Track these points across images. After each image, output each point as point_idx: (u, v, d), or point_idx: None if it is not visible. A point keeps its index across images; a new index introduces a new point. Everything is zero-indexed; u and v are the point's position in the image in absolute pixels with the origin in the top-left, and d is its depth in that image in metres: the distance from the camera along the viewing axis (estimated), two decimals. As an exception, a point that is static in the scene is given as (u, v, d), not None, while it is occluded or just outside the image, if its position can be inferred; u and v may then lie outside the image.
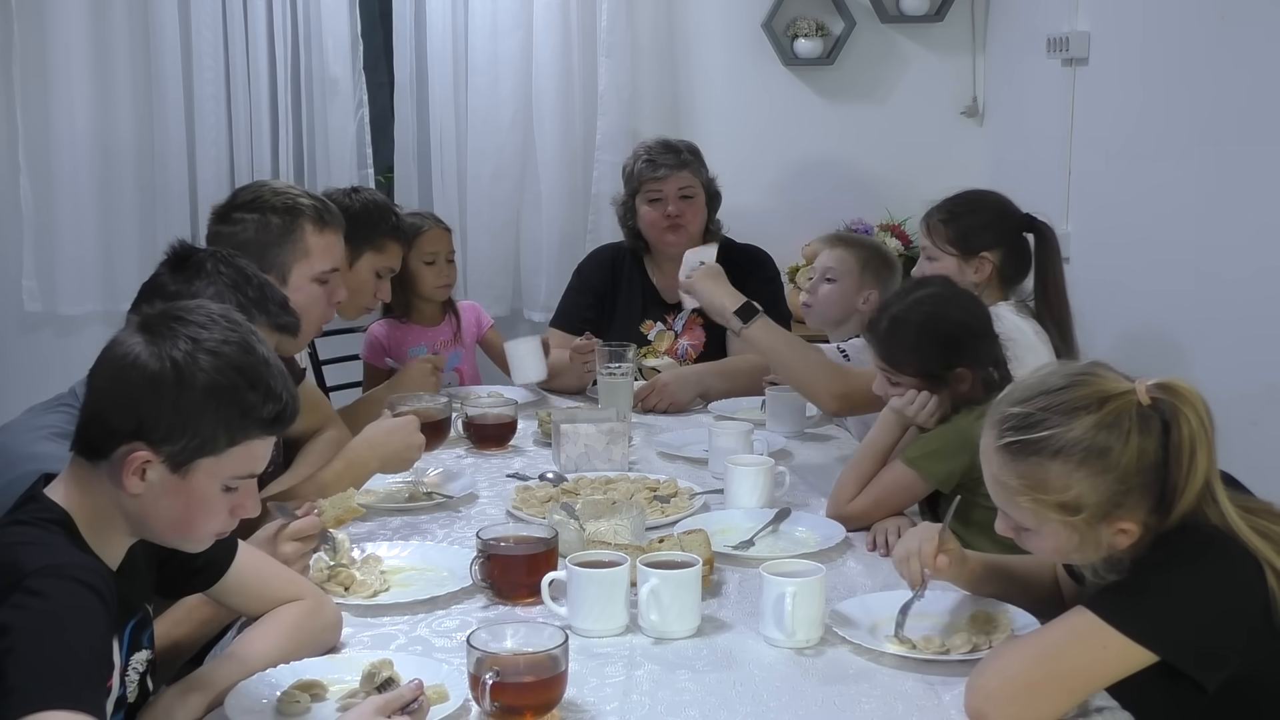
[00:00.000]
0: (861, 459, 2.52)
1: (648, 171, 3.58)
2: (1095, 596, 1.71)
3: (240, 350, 1.61)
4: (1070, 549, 1.73)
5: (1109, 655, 1.65)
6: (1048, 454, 1.68)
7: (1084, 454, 1.66)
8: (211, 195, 4.54)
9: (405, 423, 2.57)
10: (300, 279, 2.58)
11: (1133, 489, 1.67)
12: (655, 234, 3.63)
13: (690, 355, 3.65)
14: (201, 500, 1.61)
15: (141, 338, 1.59)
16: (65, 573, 1.49)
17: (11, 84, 4.52)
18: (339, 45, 4.53)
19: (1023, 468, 1.70)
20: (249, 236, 2.54)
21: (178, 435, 1.57)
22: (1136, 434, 1.66)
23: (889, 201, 4.66)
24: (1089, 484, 1.67)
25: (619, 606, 1.98)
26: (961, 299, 2.54)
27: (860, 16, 4.63)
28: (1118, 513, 1.68)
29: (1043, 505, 1.70)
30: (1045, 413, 1.69)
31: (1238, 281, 3.07)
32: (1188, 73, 3.28)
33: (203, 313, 1.63)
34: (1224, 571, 1.65)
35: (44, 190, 4.57)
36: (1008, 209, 3.05)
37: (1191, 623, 1.65)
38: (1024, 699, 1.67)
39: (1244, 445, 2.94)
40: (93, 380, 1.63)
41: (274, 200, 2.59)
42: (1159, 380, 1.70)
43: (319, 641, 1.89)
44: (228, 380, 1.59)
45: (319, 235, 2.61)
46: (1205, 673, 1.64)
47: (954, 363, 2.44)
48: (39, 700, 1.37)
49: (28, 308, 4.62)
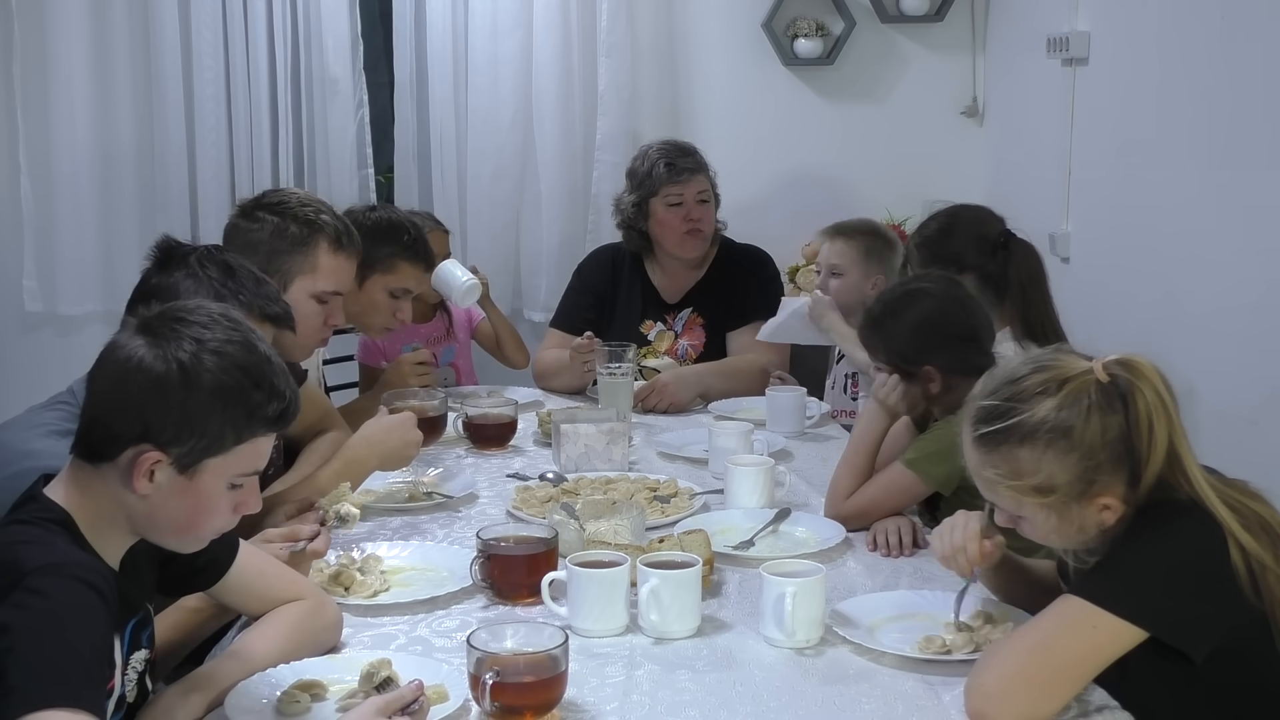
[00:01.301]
0: (852, 452, 2.53)
1: (669, 176, 3.57)
2: (1078, 582, 1.73)
3: (244, 350, 1.61)
4: (1054, 531, 1.77)
5: (1100, 637, 1.67)
6: (1015, 440, 1.73)
7: (1049, 435, 1.71)
8: (211, 195, 4.56)
9: (402, 419, 2.58)
10: (300, 292, 2.58)
11: (1102, 464, 1.71)
12: (674, 238, 3.62)
13: (690, 355, 3.65)
14: (208, 499, 1.62)
15: (143, 340, 1.59)
16: (66, 571, 1.49)
17: (11, 84, 4.52)
18: (339, 45, 4.53)
19: (996, 457, 1.75)
20: (262, 237, 2.56)
21: (186, 437, 1.57)
22: (1097, 411, 1.71)
23: (889, 201, 4.66)
24: (1058, 464, 1.71)
25: (619, 606, 1.98)
26: (950, 301, 2.52)
27: (860, 16, 4.63)
28: (1093, 490, 1.72)
29: (1020, 491, 1.74)
30: (1010, 401, 1.75)
31: (1238, 281, 3.07)
32: (1188, 73, 3.28)
33: (204, 313, 1.63)
34: (1196, 540, 1.69)
35: (44, 190, 4.56)
36: (981, 228, 3.00)
37: (1172, 593, 1.68)
38: (1023, 692, 1.68)
39: (1244, 445, 2.96)
40: (94, 384, 1.63)
41: (298, 209, 2.60)
42: (1116, 357, 1.75)
43: (319, 641, 1.89)
44: (233, 380, 1.59)
45: (331, 255, 2.62)
46: (1192, 642, 1.67)
47: (921, 358, 2.46)
48: (39, 699, 1.37)
49: (28, 308, 4.62)
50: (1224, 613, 1.68)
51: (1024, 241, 2.98)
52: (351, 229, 2.69)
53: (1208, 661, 1.68)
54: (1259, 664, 1.72)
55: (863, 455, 2.51)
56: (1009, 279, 2.94)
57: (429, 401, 2.88)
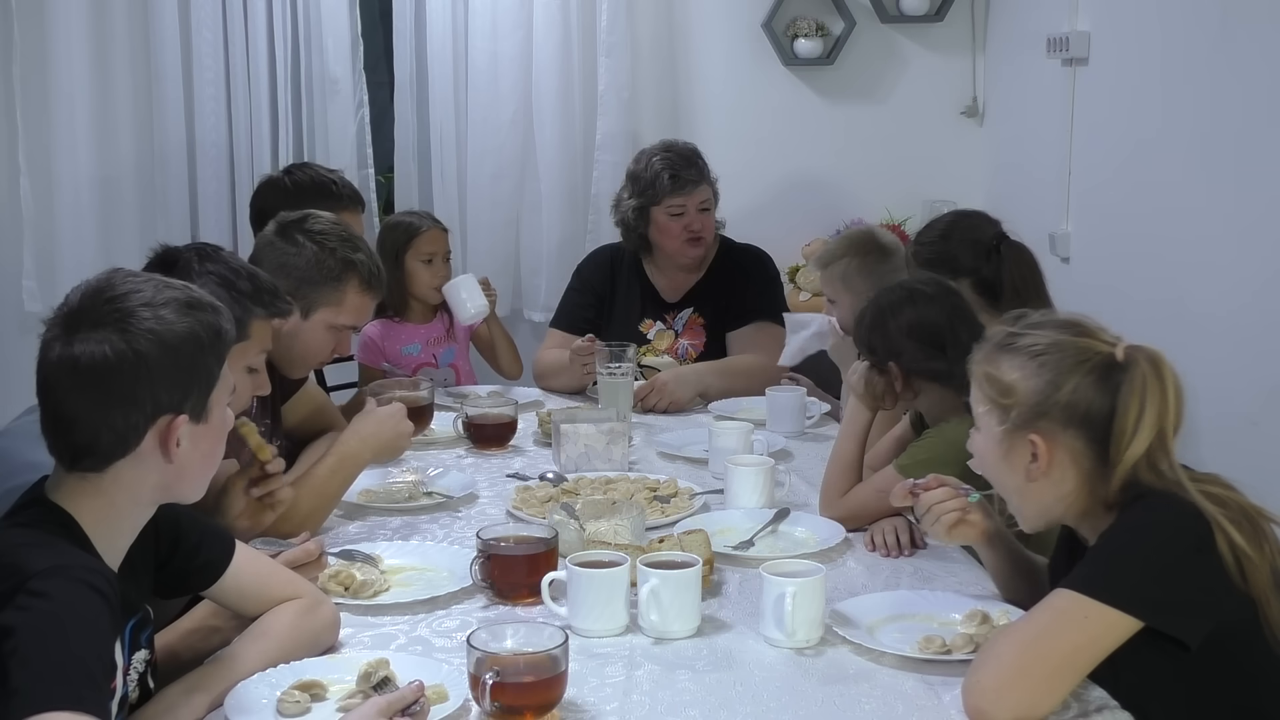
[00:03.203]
0: (839, 448, 2.55)
1: (674, 187, 3.57)
2: (1069, 575, 1.74)
3: (175, 288, 1.66)
4: (990, 456, 1.85)
5: (1094, 628, 1.67)
6: (1011, 350, 1.82)
7: (1039, 352, 1.79)
8: (211, 195, 4.56)
9: (392, 411, 2.60)
10: (320, 321, 2.64)
11: (1057, 409, 1.77)
12: (675, 245, 3.62)
13: (690, 355, 3.65)
14: (221, 428, 1.70)
15: (95, 335, 1.57)
16: (70, 574, 1.49)
17: (11, 84, 4.52)
18: (339, 45, 4.53)
19: (988, 367, 1.84)
20: (298, 263, 2.61)
21: (191, 389, 1.62)
22: (1090, 374, 1.77)
23: (889, 201, 4.66)
24: (1028, 381, 1.79)
25: (619, 606, 1.98)
26: (933, 306, 2.51)
27: (860, 16, 4.63)
28: (1037, 424, 1.78)
29: (989, 398, 1.84)
30: (1030, 328, 1.83)
31: (1238, 281, 3.07)
32: (1188, 73, 3.28)
33: (123, 281, 1.64)
34: (1184, 529, 1.70)
35: (44, 190, 4.56)
36: (975, 233, 2.98)
37: (1162, 580, 1.68)
38: (1020, 688, 1.68)
39: (1244, 445, 2.96)
40: (71, 404, 1.59)
41: (338, 245, 2.64)
42: (1144, 347, 1.80)
43: (318, 641, 1.89)
44: (193, 318, 1.63)
45: (359, 295, 2.67)
46: (1185, 629, 1.67)
47: (886, 354, 2.49)
48: (42, 701, 1.37)
49: (28, 308, 4.62)
50: (1215, 599, 1.69)
51: (1018, 244, 2.97)
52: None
53: (1199, 652, 1.68)
54: (1248, 654, 1.73)
55: (850, 450, 2.53)
56: (1003, 282, 2.94)
57: (416, 391, 2.90)
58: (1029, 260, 2.97)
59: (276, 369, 2.64)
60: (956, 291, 2.61)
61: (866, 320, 2.55)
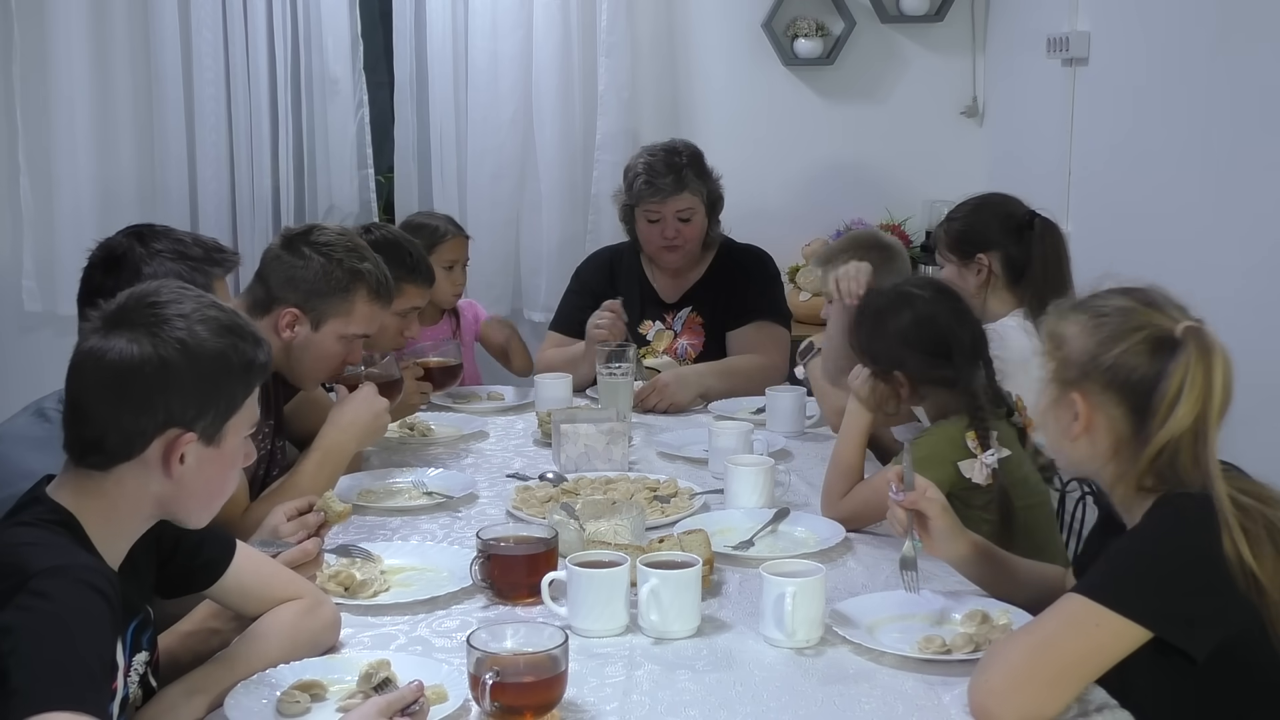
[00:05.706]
0: (839, 451, 2.54)
1: (646, 192, 3.57)
2: (1082, 580, 1.74)
3: (219, 310, 1.64)
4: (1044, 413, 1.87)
5: (1104, 635, 1.67)
6: (1081, 309, 1.85)
7: (1102, 314, 1.81)
8: (211, 195, 4.56)
9: (364, 394, 2.61)
10: (331, 332, 2.62)
11: (1099, 371, 1.78)
12: (652, 249, 3.65)
13: (690, 355, 3.65)
14: (231, 459, 1.68)
15: (126, 335, 1.58)
16: (71, 574, 1.48)
17: (11, 84, 4.53)
18: (339, 45, 4.53)
19: (1056, 321, 1.86)
20: (305, 275, 2.59)
21: (208, 409, 1.61)
22: (1145, 345, 1.77)
23: (889, 201, 4.66)
24: (1080, 339, 1.80)
25: (619, 606, 1.98)
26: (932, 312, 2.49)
27: (860, 16, 4.63)
28: (1082, 384, 1.79)
29: (1048, 351, 1.85)
30: (1108, 293, 1.88)
31: (1237, 281, 3.07)
32: (1188, 73, 3.28)
33: (169, 290, 1.64)
34: (1197, 539, 1.68)
35: (44, 190, 4.57)
36: (1008, 209, 3.04)
37: (1173, 592, 1.67)
38: (1027, 690, 1.68)
39: (1244, 445, 2.95)
40: (89, 396, 1.59)
41: (345, 256, 2.63)
42: (1204, 330, 1.81)
43: (318, 641, 1.89)
44: (228, 341, 1.62)
45: (368, 304, 2.65)
46: (1193, 642, 1.66)
47: (891, 364, 2.47)
48: (42, 701, 1.37)
49: (28, 308, 4.62)
50: (1224, 612, 1.68)
51: (1051, 222, 3.02)
52: (389, 279, 2.72)
53: (1209, 662, 1.68)
54: (1257, 663, 1.72)
55: (849, 451, 2.52)
56: (1031, 257, 2.97)
57: (381, 369, 2.82)
58: (1059, 239, 3.02)
59: (288, 380, 2.65)
60: (953, 292, 2.61)
61: (865, 328, 2.53)
